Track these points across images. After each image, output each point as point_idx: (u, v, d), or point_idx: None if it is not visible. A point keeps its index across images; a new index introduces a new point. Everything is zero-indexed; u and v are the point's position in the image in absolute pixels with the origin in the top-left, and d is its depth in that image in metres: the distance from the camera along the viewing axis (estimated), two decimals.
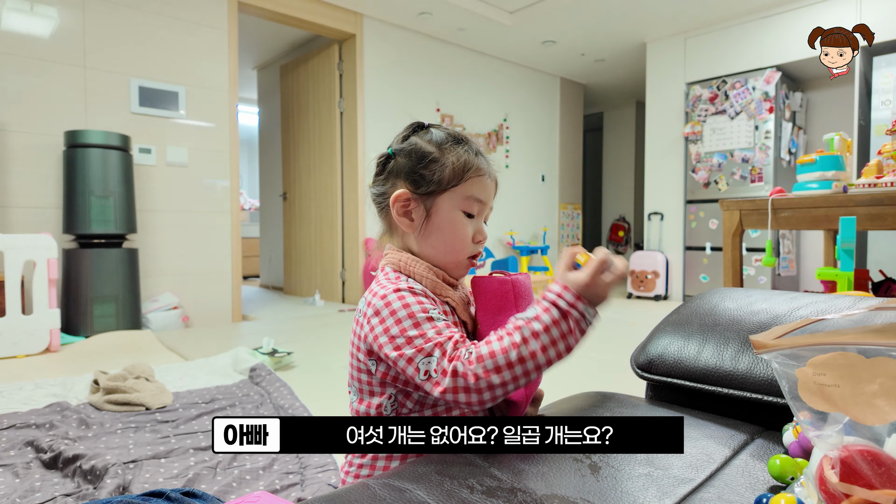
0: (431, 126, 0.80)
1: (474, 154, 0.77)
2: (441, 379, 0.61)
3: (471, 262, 0.78)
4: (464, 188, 0.75)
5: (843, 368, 0.48)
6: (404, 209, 0.76)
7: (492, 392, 0.61)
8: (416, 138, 0.78)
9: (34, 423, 1.59)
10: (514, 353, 0.61)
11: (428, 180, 0.74)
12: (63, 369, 2.38)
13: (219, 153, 3.82)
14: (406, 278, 0.73)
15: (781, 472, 0.56)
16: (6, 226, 3.02)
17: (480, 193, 0.76)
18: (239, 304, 3.92)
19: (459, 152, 0.75)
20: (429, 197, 0.75)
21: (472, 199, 0.75)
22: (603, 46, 5.31)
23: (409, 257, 0.75)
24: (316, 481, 1.26)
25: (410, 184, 0.75)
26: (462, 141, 0.77)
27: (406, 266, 0.75)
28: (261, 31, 4.99)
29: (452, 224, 0.75)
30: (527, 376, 0.61)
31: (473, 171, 0.75)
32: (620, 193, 7.20)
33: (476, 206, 0.76)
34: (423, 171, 0.75)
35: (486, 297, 0.75)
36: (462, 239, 0.75)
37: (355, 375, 0.75)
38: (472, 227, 0.76)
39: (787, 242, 4.58)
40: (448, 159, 0.75)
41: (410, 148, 0.77)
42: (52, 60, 3.18)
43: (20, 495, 1.18)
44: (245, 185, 7.94)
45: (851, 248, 1.75)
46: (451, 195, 0.75)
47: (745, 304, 0.91)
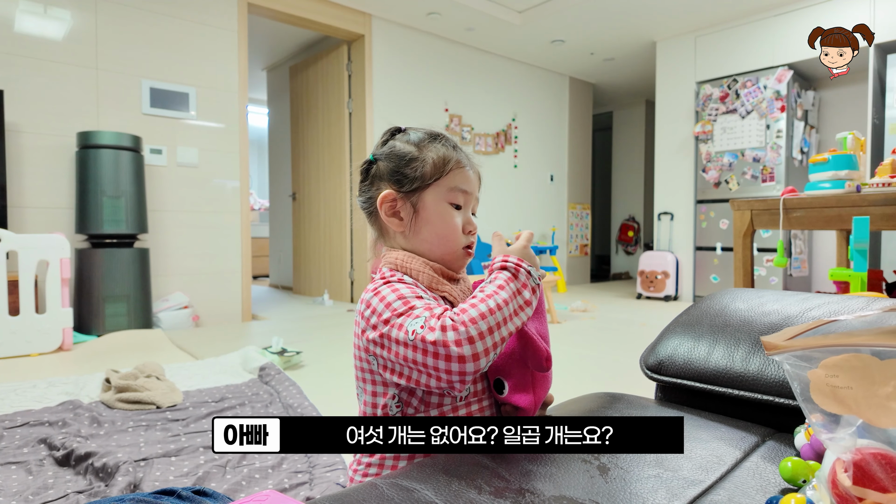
0: (408, 129, 0.82)
1: (452, 147, 0.79)
2: (429, 331, 0.62)
3: (467, 253, 0.80)
4: (447, 180, 0.77)
5: (857, 370, 0.48)
6: (392, 209, 0.78)
7: (481, 339, 0.61)
8: (395, 141, 0.80)
9: (47, 421, 1.61)
10: (490, 302, 0.63)
11: (411, 178, 0.77)
12: (75, 368, 2.41)
13: (229, 154, 3.85)
14: (401, 276, 0.74)
15: (793, 475, 0.55)
16: (20, 226, 3.06)
17: (464, 184, 0.78)
18: (248, 304, 3.94)
19: (437, 147, 0.78)
20: (414, 193, 0.77)
21: (456, 190, 0.77)
22: (612, 45, 5.28)
23: (405, 254, 0.77)
24: (324, 480, 1.26)
25: (394, 184, 0.77)
26: (438, 137, 0.80)
27: (402, 264, 0.76)
28: (270, 32, 5.01)
29: (440, 216, 0.77)
30: (503, 325, 0.63)
31: (454, 164, 0.78)
32: (630, 193, 7.16)
33: (461, 197, 0.78)
34: (405, 170, 0.77)
35: None
36: (453, 229, 0.77)
37: (359, 376, 0.76)
38: (461, 218, 0.78)
39: (800, 243, 4.53)
40: (427, 155, 0.77)
41: (390, 151, 0.79)
42: (65, 62, 3.22)
43: (33, 492, 1.19)
44: (255, 185, 7.99)
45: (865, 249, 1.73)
46: (435, 189, 0.77)
47: (756, 305, 0.90)
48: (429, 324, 0.62)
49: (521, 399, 0.73)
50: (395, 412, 0.72)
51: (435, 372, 0.62)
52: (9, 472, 1.30)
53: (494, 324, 0.62)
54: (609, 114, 7.45)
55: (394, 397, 0.72)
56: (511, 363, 0.73)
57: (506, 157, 5.52)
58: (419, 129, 0.82)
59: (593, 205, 7.52)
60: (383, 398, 0.73)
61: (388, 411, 0.72)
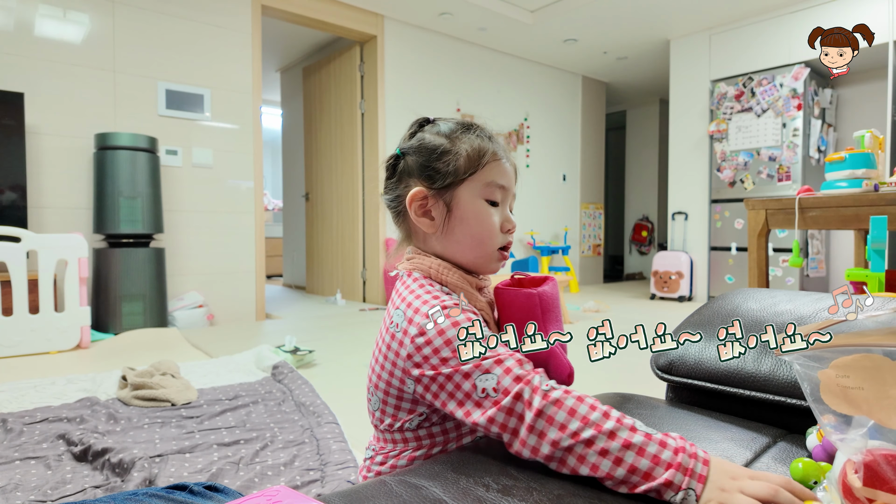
0: (437, 119, 0.76)
1: (487, 139, 0.72)
2: (501, 398, 0.55)
3: (502, 255, 0.73)
4: (482, 175, 0.70)
5: (868, 370, 0.47)
6: (423, 209, 0.71)
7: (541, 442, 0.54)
8: (423, 133, 0.73)
9: (65, 417, 1.64)
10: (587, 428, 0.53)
11: (443, 173, 0.69)
12: (93, 365, 2.45)
13: (243, 154, 3.88)
14: (440, 287, 0.69)
15: (804, 476, 0.55)
16: (39, 226, 3.12)
17: (501, 178, 0.71)
18: (262, 303, 3.98)
19: (472, 139, 0.71)
20: (447, 190, 0.70)
21: (493, 186, 0.71)
22: (625, 44, 5.24)
23: (439, 264, 0.70)
24: (336, 478, 1.27)
25: (425, 180, 0.71)
26: (472, 127, 0.73)
27: (438, 274, 0.69)
28: (284, 33, 5.05)
29: (476, 214, 0.70)
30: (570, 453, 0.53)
31: (490, 156, 0.71)
32: (644, 193, 7.10)
33: (499, 193, 0.71)
34: (437, 165, 0.70)
35: (510, 311, 0.71)
36: (489, 228, 0.70)
37: (381, 387, 0.69)
38: (498, 216, 0.71)
39: (817, 243, 4.46)
40: (461, 148, 0.70)
41: (419, 144, 0.72)
42: (83, 65, 3.27)
43: (52, 486, 1.22)
44: (269, 185, 8.05)
45: (883, 249, 1.70)
46: (470, 184, 0.70)
47: (768, 305, 0.89)
48: (503, 385, 0.56)
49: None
50: (414, 426, 0.68)
51: (488, 424, 0.57)
52: (28, 467, 1.33)
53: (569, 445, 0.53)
54: (622, 113, 7.40)
55: (421, 414, 0.67)
56: None
57: (518, 157, 5.50)
58: (449, 120, 0.75)
59: (606, 204, 7.47)
60: (408, 414, 0.68)
61: (405, 425, 0.69)
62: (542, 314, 0.71)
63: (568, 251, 5.66)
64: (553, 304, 0.73)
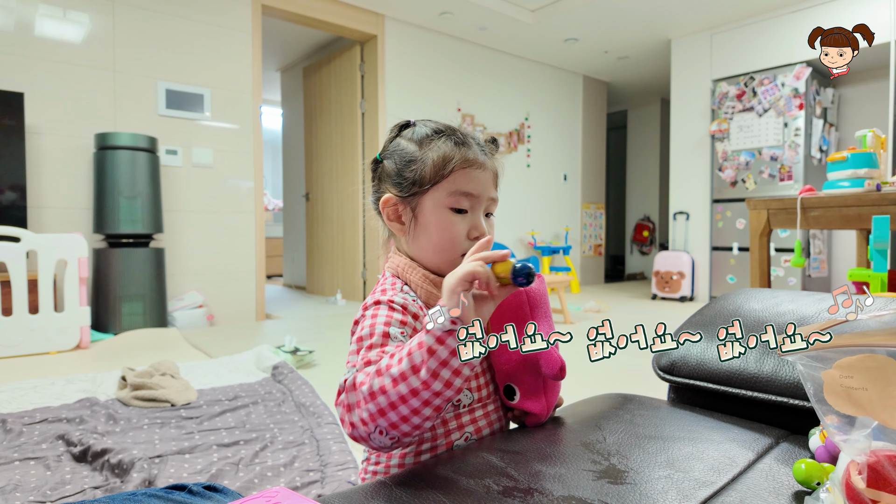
0: (418, 122, 0.76)
1: (457, 144, 0.72)
2: (346, 386, 0.60)
3: None
4: (447, 184, 0.70)
5: (872, 371, 0.47)
6: (394, 213, 0.74)
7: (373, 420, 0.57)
8: (400, 138, 0.75)
9: (65, 418, 1.64)
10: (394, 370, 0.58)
11: (410, 181, 0.71)
12: (92, 365, 2.45)
13: (243, 154, 3.88)
14: (401, 285, 0.72)
15: (807, 477, 0.54)
16: (39, 226, 3.12)
17: (467, 186, 0.70)
18: (262, 303, 3.97)
19: (439, 146, 0.71)
20: (413, 198, 0.72)
21: (457, 195, 0.70)
22: (626, 43, 5.24)
23: (406, 263, 0.73)
24: (336, 479, 1.27)
25: (395, 187, 0.73)
26: (444, 132, 0.73)
27: (403, 272, 0.73)
28: (284, 33, 5.05)
29: (438, 224, 0.71)
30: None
31: (457, 164, 0.70)
32: (645, 192, 7.10)
33: (465, 201, 0.71)
34: (405, 173, 0.72)
35: (499, 308, 0.71)
36: (450, 237, 0.70)
37: None
38: (465, 224, 0.71)
39: (819, 243, 4.46)
40: (428, 156, 0.71)
41: (394, 150, 0.74)
42: (84, 65, 3.27)
43: (51, 487, 1.21)
44: (269, 185, 8.05)
45: (885, 249, 1.69)
46: (433, 194, 0.71)
47: (770, 305, 0.88)
48: (351, 376, 0.60)
49: (534, 405, 0.71)
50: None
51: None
52: (28, 468, 1.32)
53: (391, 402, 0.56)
54: (623, 112, 7.39)
55: None
56: (523, 370, 0.71)
57: (519, 157, 5.50)
58: (429, 124, 0.75)
59: (607, 204, 7.47)
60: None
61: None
62: (530, 311, 0.72)
63: (569, 251, 5.66)
64: (541, 300, 0.74)
